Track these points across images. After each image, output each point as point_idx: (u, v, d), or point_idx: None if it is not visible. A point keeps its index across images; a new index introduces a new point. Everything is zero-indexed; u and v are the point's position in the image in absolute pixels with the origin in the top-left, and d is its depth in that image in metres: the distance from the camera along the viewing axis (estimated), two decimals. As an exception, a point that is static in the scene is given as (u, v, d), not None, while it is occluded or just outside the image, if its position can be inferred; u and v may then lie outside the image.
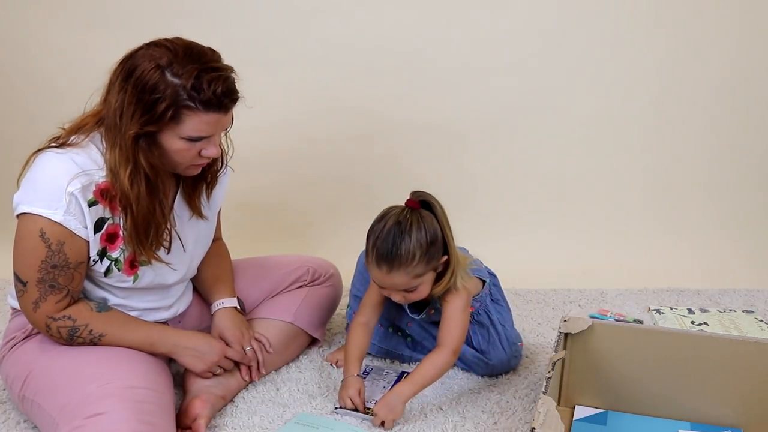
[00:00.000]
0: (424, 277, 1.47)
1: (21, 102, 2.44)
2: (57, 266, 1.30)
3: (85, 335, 1.37)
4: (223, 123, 1.33)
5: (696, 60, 2.41)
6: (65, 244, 1.30)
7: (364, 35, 2.38)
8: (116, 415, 1.20)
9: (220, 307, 1.59)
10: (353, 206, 2.50)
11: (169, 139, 1.29)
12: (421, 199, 1.47)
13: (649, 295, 2.23)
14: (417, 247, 1.42)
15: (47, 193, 1.27)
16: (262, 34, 2.36)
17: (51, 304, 1.33)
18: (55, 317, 1.34)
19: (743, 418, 1.45)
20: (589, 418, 1.49)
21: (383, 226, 1.44)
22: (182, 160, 1.34)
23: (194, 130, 1.28)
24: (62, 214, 1.27)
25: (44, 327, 1.36)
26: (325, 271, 1.81)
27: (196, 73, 1.25)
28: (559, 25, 2.38)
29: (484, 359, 1.66)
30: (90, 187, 1.30)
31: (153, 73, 1.24)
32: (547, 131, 2.47)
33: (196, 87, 1.25)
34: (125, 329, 1.41)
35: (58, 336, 1.36)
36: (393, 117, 2.44)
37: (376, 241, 1.44)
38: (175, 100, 1.25)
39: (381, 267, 1.43)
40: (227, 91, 1.29)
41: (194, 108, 1.26)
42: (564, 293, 2.22)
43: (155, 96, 1.24)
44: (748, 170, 2.49)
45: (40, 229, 1.28)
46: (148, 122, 1.26)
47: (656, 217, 2.49)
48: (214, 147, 1.34)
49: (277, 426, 1.47)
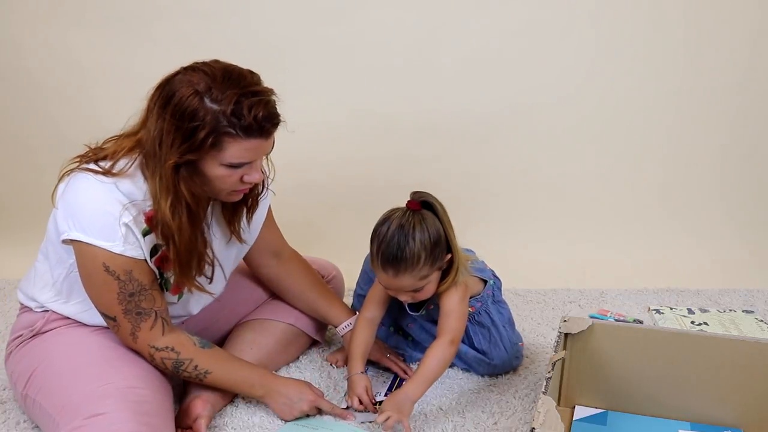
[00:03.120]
0: (431, 277, 1.47)
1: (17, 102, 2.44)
2: (135, 293, 1.31)
3: (191, 370, 1.39)
4: (264, 148, 1.30)
5: (696, 60, 2.41)
6: (133, 272, 1.30)
7: (365, 35, 2.38)
8: (116, 415, 1.20)
9: (350, 328, 1.64)
10: (354, 206, 2.50)
11: (210, 167, 1.26)
12: (421, 200, 1.47)
13: (649, 295, 2.23)
14: (422, 250, 1.42)
15: (100, 224, 1.25)
16: (262, 34, 2.36)
17: (146, 332, 1.34)
18: (158, 347, 1.35)
19: (743, 418, 1.45)
20: (589, 418, 1.49)
21: (386, 230, 1.43)
22: (224, 186, 1.31)
23: (235, 157, 1.25)
24: (122, 245, 1.27)
25: (149, 356, 1.37)
26: (327, 272, 1.81)
27: (236, 99, 1.21)
28: (560, 24, 2.38)
29: (485, 360, 1.66)
30: (140, 216, 1.29)
31: (191, 99, 1.20)
32: (547, 131, 2.47)
33: (236, 113, 1.21)
34: (229, 369, 1.43)
35: (163, 367, 1.38)
36: (393, 117, 2.44)
37: (380, 246, 1.43)
38: (215, 127, 1.21)
39: (387, 271, 1.44)
40: (269, 115, 1.25)
41: (235, 135, 1.22)
42: (564, 293, 2.22)
43: (194, 124, 1.20)
44: (747, 170, 2.49)
45: (103, 263, 1.27)
46: (188, 150, 1.23)
47: (656, 217, 2.49)
48: (257, 172, 1.32)
49: (277, 426, 1.47)
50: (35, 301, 1.44)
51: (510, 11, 2.38)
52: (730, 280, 2.32)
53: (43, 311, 1.43)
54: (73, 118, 2.26)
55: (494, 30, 2.39)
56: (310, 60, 2.39)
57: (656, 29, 2.39)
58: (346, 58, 2.39)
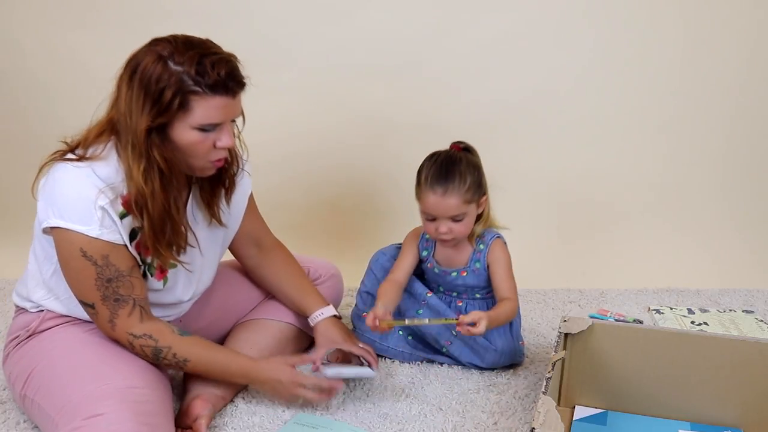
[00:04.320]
0: (471, 207, 1.60)
1: (18, 102, 2.44)
2: (112, 279, 1.31)
3: (170, 358, 1.38)
4: (232, 110, 1.32)
5: (695, 60, 2.41)
6: (110, 256, 1.30)
7: (365, 36, 2.38)
8: (115, 415, 1.20)
9: (321, 318, 1.63)
10: (354, 206, 2.50)
11: (181, 132, 1.28)
12: (463, 146, 1.65)
13: (649, 295, 2.23)
14: (468, 173, 1.58)
15: (78, 209, 1.26)
16: (262, 34, 2.36)
17: (125, 319, 1.34)
18: (136, 334, 1.35)
19: (743, 418, 1.45)
20: (589, 418, 1.49)
21: (436, 158, 1.60)
22: (197, 154, 1.31)
23: (204, 117, 1.27)
24: (98, 228, 1.27)
25: (127, 344, 1.37)
26: (326, 271, 1.81)
27: (198, 59, 1.25)
28: (559, 24, 2.38)
29: (491, 346, 1.67)
30: (117, 200, 1.29)
31: (156, 65, 1.24)
32: (547, 131, 2.47)
33: (200, 71, 1.24)
34: (209, 357, 1.43)
35: (143, 355, 1.37)
36: (393, 117, 2.44)
37: (431, 168, 1.58)
38: (180, 87, 1.24)
39: (436, 190, 1.56)
40: (231, 72, 1.28)
41: (201, 93, 1.25)
42: (564, 293, 2.22)
43: (161, 86, 1.24)
44: (747, 170, 2.49)
45: (80, 248, 1.28)
46: (157, 114, 1.25)
47: (656, 217, 2.49)
48: (227, 136, 1.32)
49: (277, 426, 1.47)
50: (30, 301, 1.44)
51: (510, 12, 2.38)
52: (730, 280, 2.32)
53: (38, 311, 1.43)
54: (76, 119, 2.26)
55: (495, 31, 2.39)
56: (311, 60, 2.39)
57: (654, 28, 2.38)
58: (346, 59, 2.39)
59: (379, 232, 2.39)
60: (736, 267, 2.39)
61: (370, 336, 1.74)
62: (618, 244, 2.44)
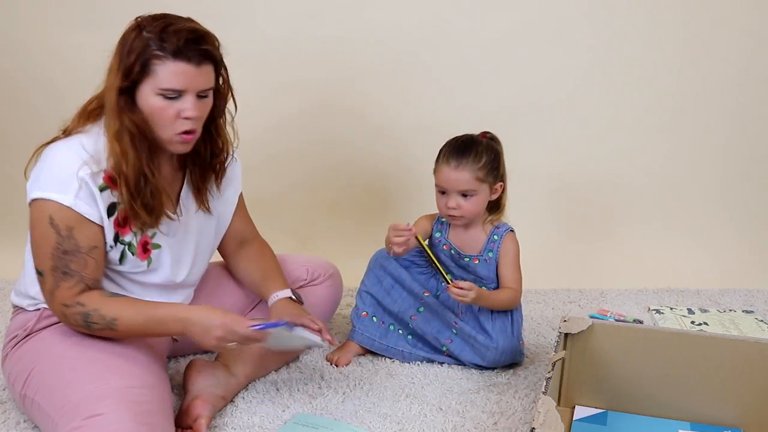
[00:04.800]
0: (483, 187, 1.65)
1: (21, 102, 2.44)
2: (68, 252, 1.31)
3: (99, 320, 1.34)
4: (195, 79, 1.33)
5: (695, 60, 2.41)
6: (74, 230, 1.31)
7: (365, 35, 2.38)
8: (114, 415, 1.20)
9: (276, 299, 1.60)
10: (353, 206, 2.50)
11: (146, 96, 1.31)
12: (489, 135, 1.71)
13: (649, 295, 2.23)
14: (485, 153, 1.64)
15: (58, 178, 1.30)
16: (262, 34, 2.37)
17: (63, 291, 1.33)
18: (68, 304, 1.34)
19: (743, 418, 1.45)
20: (589, 418, 1.49)
21: (458, 137, 1.68)
22: (161, 122, 1.33)
23: (166, 81, 1.30)
24: (73, 198, 1.29)
25: (61, 315, 1.36)
26: (325, 271, 1.80)
27: (163, 27, 1.30)
28: (559, 25, 2.38)
29: (491, 345, 1.67)
30: (100, 173, 1.32)
31: (132, 32, 1.31)
32: (546, 131, 2.47)
33: (163, 37, 1.29)
34: (137, 311, 1.37)
35: (76, 324, 1.36)
36: (393, 117, 2.44)
37: (451, 144, 1.66)
38: (144, 50, 1.29)
39: (450, 162, 1.62)
40: (195, 39, 1.31)
41: (162, 57, 1.29)
42: (564, 293, 2.22)
43: (130, 50, 1.30)
44: (747, 170, 2.49)
45: (49, 216, 1.29)
46: (125, 76, 1.30)
47: (656, 217, 2.49)
48: (192, 106, 1.34)
49: (277, 426, 1.47)
50: (28, 298, 1.44)
51: (510, 12, 2.38)
52: (730, 280, 2.32)
53: (35, 309, 1.43)
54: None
55: (495, 30, 2.39)
56: (311, 60, 2.39)
57: (654, 28, 2.38)
58: (346, 59, 2.39)
59: (379, 231, 2.38)
60: (736, 267, 2.39)
61: (370, 335, 1.75)
62: (618, 244, 2.44)
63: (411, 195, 2.48)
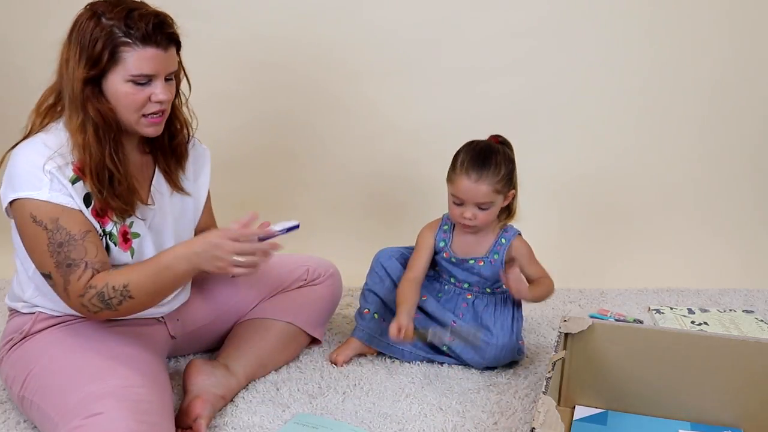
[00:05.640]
0: (499, 198, 1.66)
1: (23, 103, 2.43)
2: (63, 243, 1.29)
3: (113, 294, 1.31)
4: (164, 63, 1.33)
5: (694, 59, 2.41)
6: (60, 219, 1.29)
7: (365, 35, 2.38)
8: (114, 414, 1.20)
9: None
10: (353, 206, 2.50)
11: (114, 84, 1.31)
12: (501, 139, 1.71)
13: (649, 295, 2.23)
14: (503, 164, 1.65)
15: (27, 176, 1.29)
16: (262, 34, 2.36)
17: (74, 284, 1.30)
18: (82, 294, 1.31)
19: (743, 418, 1.45)
20: (589, 418, 1.49)
21: (475, 145, 1.67)
22: (131, 107, 1.33)
23: (136, 68, 1.30)
24: (48, 191, 1.28)
25: (82, 308, 1.32)
26: (325, 270, 1.81)
27: (126, 12, 1.29)
28: (560, 24, 2.38)
29: (491, 341, 1.67)
30: (68, 165, 1.31)
31: (89, 21, 1.29)
32: (546, 131, 2.47)
33: (129, 24, 1.29)
34: (143, 268, 1.35)
35: (98, 309, 1.32)
36: (393, 117, 2.44)
37: (468, 152, 1.64)
38: (110, 38, 1.28)
39: (470, 175, 1.61)
40: (160, 24, 1.31)
41: (131, 44, 1.29)
42: (564, 293, 2.22)
43: (93, 38, 1.28)
44: (748, 171, 2.49)
45: (30, 213, 1.28)
46: (91, 66, 1.29)
47: (656, 217, 2.49)
48: (162, 90, 1.34)
49: (277, 426, 1.47)
50: (21, 301, 1.44)
51: (510, 12, 2.37)
52: (730, 280, 2.32)
53: (30, 312, 1.43)
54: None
55: (495, 30, 2.38)
56: (311, 60, 2.39)
57: (657, 28, 2.38)
58: (346, 58, 2.39)
59: (379, 231, 2.40)
60: (736, 267, 2.39)
61: (371, 332, 1.75)
62: (618, 244, 2.44)
63: (411, 195, 2.48)
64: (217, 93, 2.20)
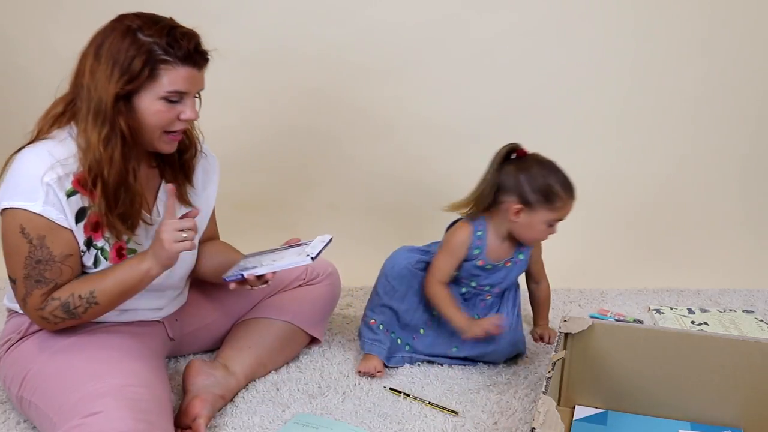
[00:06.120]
0: None
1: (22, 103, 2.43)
2: (41, 261, 1.30)
3: (79, 303, 1.33)
4: (198, 82, 1.34)
5: (694, 60, 2.41)
6: (46, 238, 1.29)
7: (364, 35, 2.38)
8: (113, 413, 1.20)
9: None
10: (352, 205, 2.50)
11: (147, 101, 1.30)
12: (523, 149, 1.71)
13: (649, 295, 2.23)
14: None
15: (24, 186, 1.28)
16: (262, 33, 2.36)
17: (35, 297, 1.32)
18: (42, 306, 1.33)
19: (743, 418, 1.45)
20: (589, 418, 1.49)
21: (551, 167, 1.67)
22: (159, 123, 1.32)
23: (172, 84, 1.29)
24: (41, 204, 1.27)
25: (39, 319, 1.35)
26: (324, 270, 1.80)
27: (168, 30, 1.29)
28: (559, 24, 2.38)
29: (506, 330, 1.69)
30: (68, 177, 1.30)
31: (125, 37, 1.28)
32: (546, 131, 2.46)
33: (170, 42, 1.28)
34: (107, 275, 1.35)
35: (58, 320, 1.34)
36: (393, 117, 2.44)
37: (558, 176, 1.65)
38: (151, 55, 1.27)
39: (571, 200, 1.65)
40: (198, 46, 1.32)
41: (171, 62, 1.28)
42: (564, 293, 2.21)
43: (131, 54, 1.27)
44: (747, 170, 2.49)
45: (20, 225, 1.28)
46: (127, 82, 1.27)
47: (656, 217, 2.49)
48: (191, 109, 1.35)
49: (277, 426, 1.47)
50: None
51: (510, 12, 2.37)
52: (730, 280, 2.32)
53: None
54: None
55: (495, 30, 2.38)
56: (310, 60, 2.39)
57: (657, 28, 2.38)
58: (346, 58, 2.39)
59: (379, 232, 2.40)
60: (736, 267, 2.39)
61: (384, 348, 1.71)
62: (618, 244, 2.44)
63: (411, 195, 2.48)
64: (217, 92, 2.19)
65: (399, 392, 1.60)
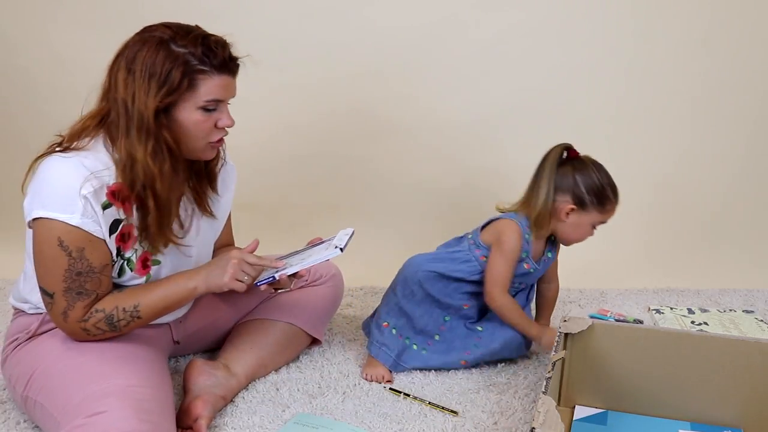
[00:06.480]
0: None
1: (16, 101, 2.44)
2: (82, 273, 1.30)
3: (123, 316, 1.35)
4: (232, 89, 1.36)
5: (693, 60, 2.41)
6: (85, 250, 1.29)
7: (365, 35, 2.38)
8: (117, 413, 1.20)
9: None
10: (353, 206, 2.50)
11: (186, 112, 1.30)
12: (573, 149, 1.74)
13: (649, 295, 2.23)
14: None
15: (61, 197, 1.26)
16: (262, 33, 2.36)
17: (79, 310, 1.33)
18: (85, 318, 1.33)
19: (743, 418, 1.45)
20: (589, 418, 1.49)
21: (604, 170, 1.69)
22: (200, 134, 1.34)
23: (210, 93, 1.30)
24: (79, 217, 1.26)
25: (81, 332, 1.35)
26: (326, 271, 1.81)
27: (201, 40, 1.29)
28: (560, 24, 2.38)
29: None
30: (102, 190, 1.29)
31: (157, 50, 1.27)
32: (546, 131, 2.45)
33: (206, 52, 1.29)
34: (154, 289, 1.38)
35: (99, 332, 1.35)
36: (393, 117, 2.44)
37: (606, 178, 1.67)
38: (188, 66, 1.28)
39: (618, 204, 1.68)
40: (231, 53, 1.34)
41: (208, 71, 1.29)
42: (564, 293, 2.21)
43: (167, 67, 1.27)
44: (747, 170, 2.49)
45: (58, 237, 1.27)
46: (166, 94, 1.27)
47: (656, 217, 2.49)
48: (227, 116, 1.37)
49: (277, 426, 1.47)
50: (28, 303, 1.44)
51: (510, 11, 2.37)
52: (730, 280, 2.32)
53: (36, 313, 1.43)
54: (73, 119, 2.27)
55: (494, 30, 2.39)
56: (310, 60, 2.39)
57: (654, 28, 2.38)
58: (346, 59, 2.39)
59: (379, 232, 2.40)
60: (736, 267, 2.39)
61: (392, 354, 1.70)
62: (619, 244, 2.44)
63: (411, 195, 2.48)
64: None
65: (399, 392, 1.60)
